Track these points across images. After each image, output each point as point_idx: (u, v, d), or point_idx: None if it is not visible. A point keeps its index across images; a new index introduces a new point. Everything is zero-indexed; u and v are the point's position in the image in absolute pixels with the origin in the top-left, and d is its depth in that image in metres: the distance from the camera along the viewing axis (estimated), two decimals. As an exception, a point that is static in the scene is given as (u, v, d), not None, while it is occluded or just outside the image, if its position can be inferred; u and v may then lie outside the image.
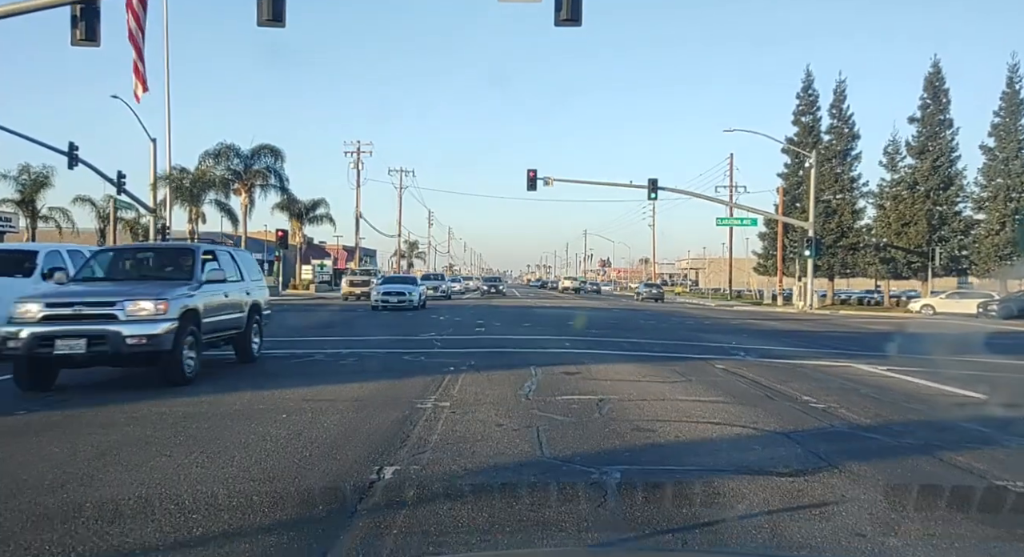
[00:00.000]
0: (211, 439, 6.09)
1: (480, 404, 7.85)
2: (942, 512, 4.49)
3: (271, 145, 51.57)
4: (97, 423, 6.76)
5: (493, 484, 4.80)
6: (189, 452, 5.62)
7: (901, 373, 11.52)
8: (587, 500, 4.48)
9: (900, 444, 6.31)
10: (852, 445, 6.11)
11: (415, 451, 5.72)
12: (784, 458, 5.64)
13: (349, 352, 13.16)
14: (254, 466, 5.25)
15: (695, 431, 6.66)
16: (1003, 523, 4.50)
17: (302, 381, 9.50)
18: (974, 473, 5.34)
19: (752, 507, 4.42)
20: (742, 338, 18.61)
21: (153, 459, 5.41)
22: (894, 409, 8.19)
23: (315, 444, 5.95)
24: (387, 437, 6.16)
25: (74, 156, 38.92)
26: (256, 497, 4.43)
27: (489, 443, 6.00)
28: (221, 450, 5.70)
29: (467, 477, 5.04)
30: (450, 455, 5.58)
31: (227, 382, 9.31)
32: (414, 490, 4.69)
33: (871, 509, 4.42)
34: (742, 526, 4.10)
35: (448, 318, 24.22)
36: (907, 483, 5.03)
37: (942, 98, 52.84)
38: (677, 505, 4.42)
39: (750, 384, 9.86)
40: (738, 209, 52.20)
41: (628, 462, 5.43)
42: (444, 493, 4.66)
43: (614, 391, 8.82)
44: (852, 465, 5.38)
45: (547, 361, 11.83)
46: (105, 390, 8.81)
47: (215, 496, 4.48)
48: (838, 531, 4.04)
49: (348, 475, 5.07)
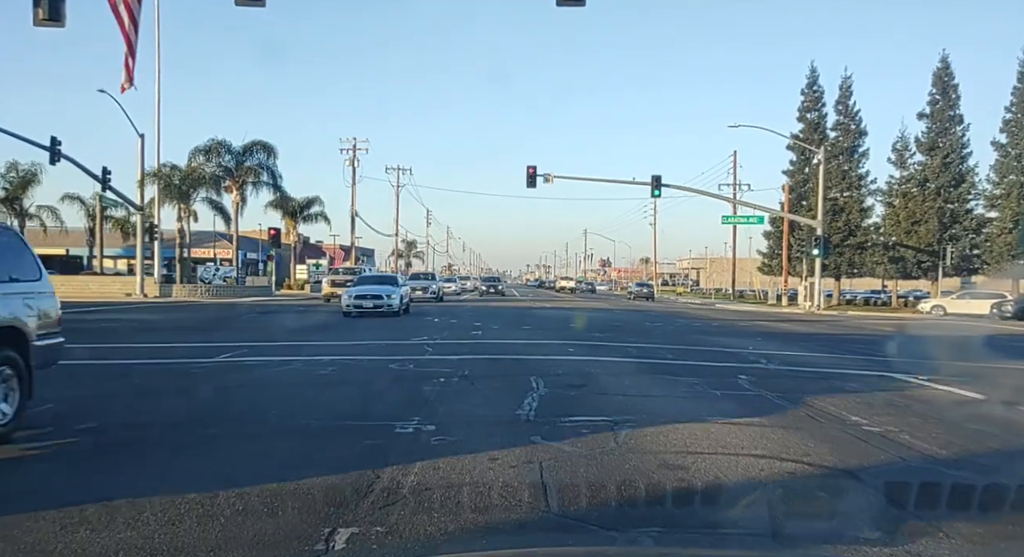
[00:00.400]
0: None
1: (471, 427, 6.54)
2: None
3: (263, 141, 50.21)
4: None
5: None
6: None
7: (944, 384, 10.24)
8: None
9: (998, 485, 5.01)
10: (941, 490, 4.80)
11: (384, 501, 4.40)
12: (864, 513, 4.33)
13: (330, 360, 11.84)
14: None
15: (738, 469, 5.34)
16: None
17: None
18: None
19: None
20: (757, 342, 17.31)
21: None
22: (962, 434, 6.89)
23: (246, 499, 4.41)
24: (350, 483, 4.78)
25: (56, 151, 37.59)
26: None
27: (479, 489, 4.67)
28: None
29: (446, 546, 3.74)
30: (427, 510, 4.25)
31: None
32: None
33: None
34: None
35: (443, 321, 22.90)
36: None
37: (951, 93, 51.57)
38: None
39: (781, 398, 8.55)
40: (743, 206, 50.88)
41: (662, 521, 4.14)
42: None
43: (629, 410, 7.51)
44: (959, 526, 4.08)
45: (549, 371, 10.53)
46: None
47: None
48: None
49: (290, 540, 3.77)
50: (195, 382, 9.42)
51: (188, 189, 47.98)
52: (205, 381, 9.48)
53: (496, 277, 77.78)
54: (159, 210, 46.30)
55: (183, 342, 14.97)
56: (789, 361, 13.03)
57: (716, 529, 4.09)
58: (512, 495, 4.59)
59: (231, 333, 17.50)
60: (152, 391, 8.59)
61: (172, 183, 46.80)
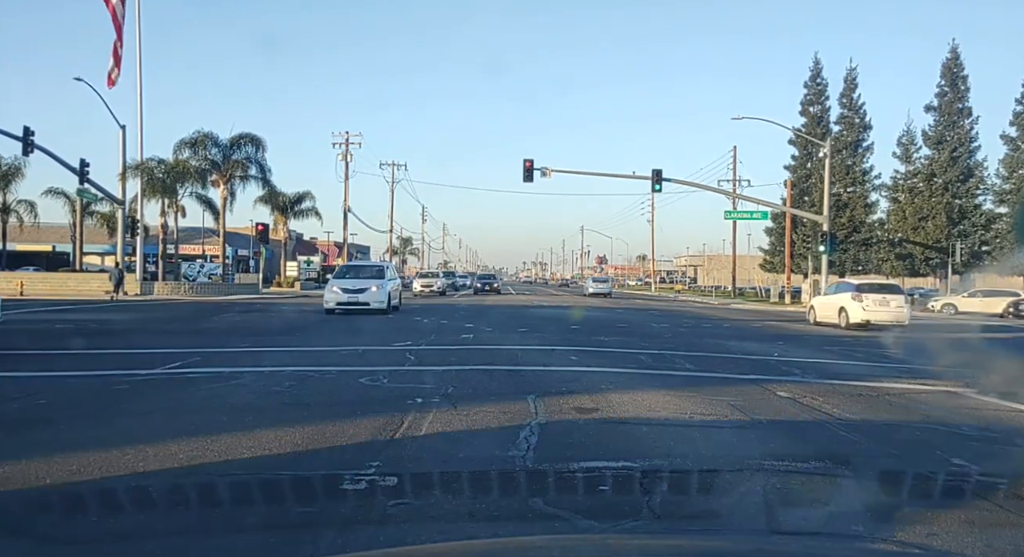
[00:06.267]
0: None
1: (446, 481, 4.78)
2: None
3: (251, 134, 48.22)
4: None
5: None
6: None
7: (1017, 401, 8.56)
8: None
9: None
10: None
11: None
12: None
13: (292, 371, 10.03)
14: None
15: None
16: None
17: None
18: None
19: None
20: (780, 347, 15.56)
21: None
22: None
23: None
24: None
25: (29, 142, 35.78)
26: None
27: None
28: None
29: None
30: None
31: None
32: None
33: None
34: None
35: (433, 321, 21.09)
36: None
37: (960, 85, 50.02)
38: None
39: (847, 429, 6.80)
40: (745, 201, 49.13)
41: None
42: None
43: (658, 449, 5.75)
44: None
45: (550, 388, 8.76)
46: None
47: None
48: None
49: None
50: (105, 405, 7.63)
51: (173, 183, 46.07)
52: (120, 403, 7.66)
53: (492, 275, 76.04)
54: (142, 205, 44.46)
55: (130, 348, 13.14)
56: (825, 372, 11.28)
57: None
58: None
59: (193, 337, 15.68)
60: (40, 419, 6.79)
61: (156, 177, 44.88)
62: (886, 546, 2.90)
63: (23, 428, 6.43)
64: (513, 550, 2.04)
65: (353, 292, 22.30)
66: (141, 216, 44.20)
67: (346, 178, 60.96)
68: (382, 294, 22.54)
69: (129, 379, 9.14)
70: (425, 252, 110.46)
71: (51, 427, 6.38)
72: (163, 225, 48.20)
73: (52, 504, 4.36)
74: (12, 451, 5.40)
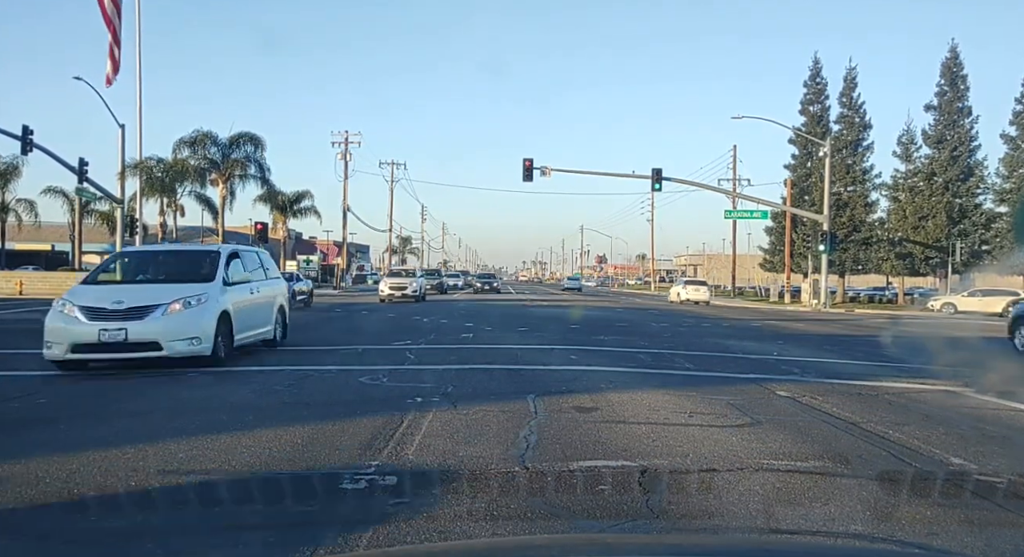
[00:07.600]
0: None
1: (447, 478, 4.79)
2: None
3: (251, 133, 48.23)
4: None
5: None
6: None
7: (1015, 400, 8.56)
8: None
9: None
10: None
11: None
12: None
13: (292, 371, 10.05)
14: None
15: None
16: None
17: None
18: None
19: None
20: (779, 346, 15.57)
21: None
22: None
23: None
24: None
25: (28, 140, 35.69)
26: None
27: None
28: None
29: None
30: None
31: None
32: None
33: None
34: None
35: (432, 320, 21.11)
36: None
37: (960, 85, 49.96)
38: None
39: (846, 428, 6.80)
40: (745, 201, 49.15)
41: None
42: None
43: (658, 448, 5.76)
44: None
45: (550, 387, 8.76)
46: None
47: None
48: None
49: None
50: (105, 404, 7.63)
51: (172, 182, 46.11)
52: (120, 402, 7.67)
53: (491, 274, 76.22)
54: (141, 204, 44.48)
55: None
56: (824, 371, 11.28)
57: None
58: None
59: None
60: (40, 418, 6.80)
61: (155, 176, 44.90)
62: (886, 546, 2.90)
63: (23, 428, 6.43)
64: (513, 549, 2.05)
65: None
66: (140, 215, 44.19)
67: (345, 177, 61.02)
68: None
69: (129, 379, 9.14)
70: (425, 251, 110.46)
71: (51, 427, 6.39)
72: (162, 224, 48.25)
73: (52, 504, 4.37)
74: (12, 451, 5.41)
